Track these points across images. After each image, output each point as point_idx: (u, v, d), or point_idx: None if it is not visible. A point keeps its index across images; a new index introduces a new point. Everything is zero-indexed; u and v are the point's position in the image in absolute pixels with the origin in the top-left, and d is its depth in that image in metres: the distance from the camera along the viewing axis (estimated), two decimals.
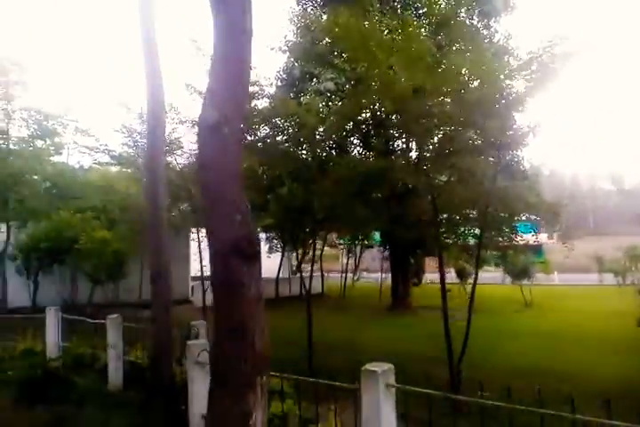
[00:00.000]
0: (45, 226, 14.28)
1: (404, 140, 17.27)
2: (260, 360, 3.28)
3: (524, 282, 22.67)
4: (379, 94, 9.10)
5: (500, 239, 12.09)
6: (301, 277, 23.41)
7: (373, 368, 3.87)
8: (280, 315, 17.10)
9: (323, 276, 24.61)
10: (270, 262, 24.39)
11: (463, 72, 8.38)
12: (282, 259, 22.53)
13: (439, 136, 9.49)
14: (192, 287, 21.45)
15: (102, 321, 8.90)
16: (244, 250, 3.35)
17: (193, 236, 19.58)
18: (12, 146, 17.07)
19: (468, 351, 8.88)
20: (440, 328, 14.92)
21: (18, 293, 17.54)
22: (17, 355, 10.52)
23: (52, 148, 17.94)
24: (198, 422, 5.08)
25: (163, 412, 6.28)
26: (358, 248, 29.92)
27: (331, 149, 15.33)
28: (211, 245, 3.44)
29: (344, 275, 26.02)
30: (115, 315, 8.63)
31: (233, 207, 3.43)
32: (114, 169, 18.26)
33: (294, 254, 23.84)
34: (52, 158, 18.04)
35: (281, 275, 24.84)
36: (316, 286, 24.42)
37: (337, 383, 4.08)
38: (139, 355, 8.95)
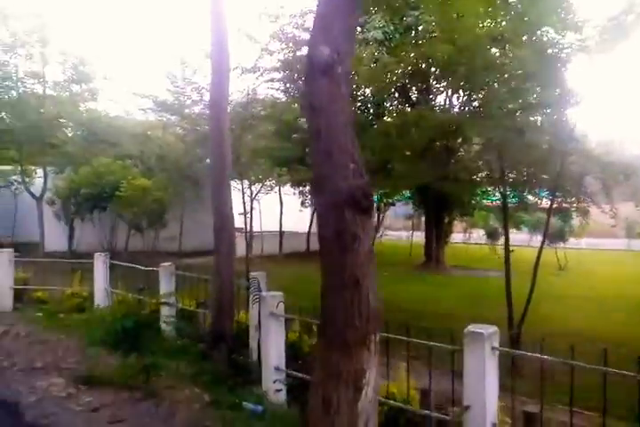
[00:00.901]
0: (86, 171, 14.22)
1: (447, 95, 16.71)
2: (373, 317, 3.14)
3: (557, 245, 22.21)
4: (441, 43, 8.58)
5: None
6: None
7: (479, 330, 3.72)
8: (317, 267, 17.18)
9: None
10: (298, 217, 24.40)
11: (537, 20, 7.82)
12: (313, 213, 22.39)
13: (503, 90, 8.98)
14: None
15: (153, 268, 8.92)
16: (359, 201, 3.13)
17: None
18: (47, 90, 16.83)
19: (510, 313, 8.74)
20: (480, 288, 15.02)
21: (54, 237, 17.80)
22: (65, 299, 10.73)
23: (87, 93, 17.65)
24: (272, 374, 5.06)
25: (227, 362, 6.29)
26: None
27: (377, 102, 14.86)
28: (320, 196, 3.23)
29: None
30: (167, 263, 8.61)
31: (346, 155, 3.19)
32: (150, 118, 18.01)
33: None
34: (87, 104, 17.79)
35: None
36: None
37: (436, 344, 3.94)
38: (191, 304, 9.03)
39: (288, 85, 12.71)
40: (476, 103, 14.60)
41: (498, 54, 8.24)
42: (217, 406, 4.01)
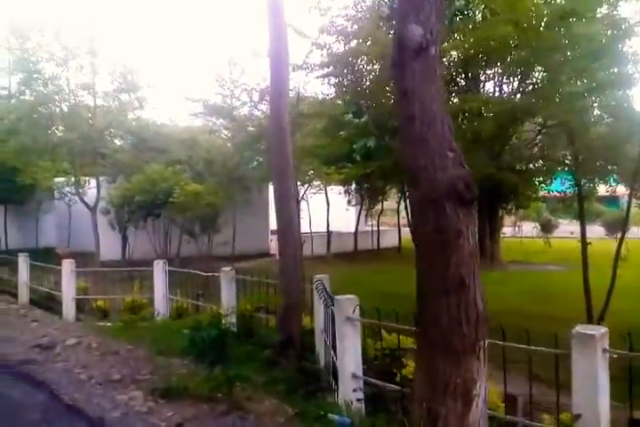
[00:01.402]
0: (139, 179, 14.36)
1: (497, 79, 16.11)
2: (482, 321, 2.83)
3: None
4: (502, 25, 8.12)
5: None
6: (378, 231, 23.18)
7: (589, 332, 3.35)
8: (371, 268, 16.86)
9: (400, 230, 24.12)
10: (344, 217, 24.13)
11: None
12: (359, 212, 22.11)
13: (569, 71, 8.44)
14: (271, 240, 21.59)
15: (213, 273, 8.83)
16: (461, 194, 2.83)
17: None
18: (97, 100, 17.16)
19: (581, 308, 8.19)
20: (543, 283, 14.35)
21: (109, 246, 18.11)
22: (125, 308, 10.80)
23: (135, 102, 17.90)
24: (349, 382, 4.80)
25: (296, 369, 6.07)
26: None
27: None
28: (416, 190, 2.94)
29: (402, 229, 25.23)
30: (228, 268, 8.50)
31: (444, 142, 2.90)
32: (196, 123, 18.15)
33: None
34: (135, 112, 18.04)
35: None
36: (390, 240, 24.01)
37: (542, 348, 3.59)
38: (248, 308, 8.89)
39: (339, 80, 12.46)
40: (530, 87, 14.03)
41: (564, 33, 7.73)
42: (302, 419, 3.78)
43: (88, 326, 8.19)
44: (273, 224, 21.91)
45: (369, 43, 11.36)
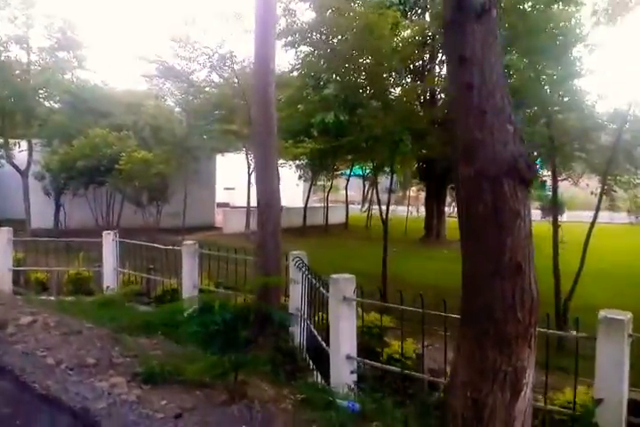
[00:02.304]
0: (80, 143, 13.25)
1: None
2: (535, 308, 2.65)
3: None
4: None
5: None
6: (326, 207, 23.02)
7: (618, 316, 3.28)
8: (321, 244, 16.68)
9: (347, 207, 24.10)
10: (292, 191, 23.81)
11: None
12: (310, 188, 21.80)
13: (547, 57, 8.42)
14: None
15: (173, 247, 8.30)
16: (521, 171, 2.60)
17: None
18: (32, 57, 15.66)
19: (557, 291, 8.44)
20: None
21: (42, 213, 16.86)
22: (68, 281, 10.04)
23: (75, 60, 16.49)
24: (344, 364, 4.59)
25: (273, 348, 5.81)
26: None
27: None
28: (469, 165, 2.68)
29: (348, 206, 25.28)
30: (190, 241, 8.02)
31: (503, 115, 2.65)
32: (140, 87, 17.02)
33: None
34: (74, 72, 16.64)
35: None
36: (337, 217, 23.98)
37: (575, 333, 3.49)
38: (209, 283, 8.47)
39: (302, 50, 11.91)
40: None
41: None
42: (311, 406, 3.51)
43: (32, 302, 7.45)
44: (219, 197, 21.25)
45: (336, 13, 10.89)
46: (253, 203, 19.25)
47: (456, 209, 2.88)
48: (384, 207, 10.91)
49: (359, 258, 14.18)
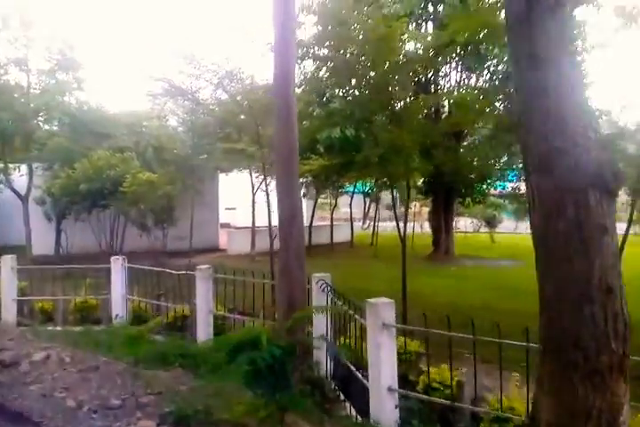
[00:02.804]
0: (83, 166, 12.97)
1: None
2: (628, 335, 2.35)
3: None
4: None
5: None
6: (332, 226, 22.72)
7: None
8: (329, 264, 16.32)
9: (352, 224, 23.80)
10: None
11: None
12: (314, 206, 21.51)
13: None
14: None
15: (186, 272, 7.96)
16: (607, 182, 2.33)
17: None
18: (32, 78, 15.49)
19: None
20: (503, 279, 14.43)
21: (42, 239, 16.52)
22: (75, 309, 9.66)
23: (75, 82, 16.33)
24: (384, 396, 4.24)
25: (301, 379, 5.45)
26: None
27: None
28: (547, 175, 2.41)
29: (352, 224, 24.95)
30: (205, 265, 7.68)
31: (584, 120, 2.38)
32: (141, 108, 16.82)
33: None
34: (74, 94, 16.46)
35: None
36: (341, 235, 23.65)
37: None
38: (223, 308, 8.12)
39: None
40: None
41: None
42: None
43: (40, 334, 7.09)
44: (221, 218, 20.90)
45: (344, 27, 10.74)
46: (258, 223, 19.11)
47: (529, 226, 2.59)
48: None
49: (371, 277, 13.87)
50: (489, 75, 15.10)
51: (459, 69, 16.49)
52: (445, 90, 16.56)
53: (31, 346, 5.37)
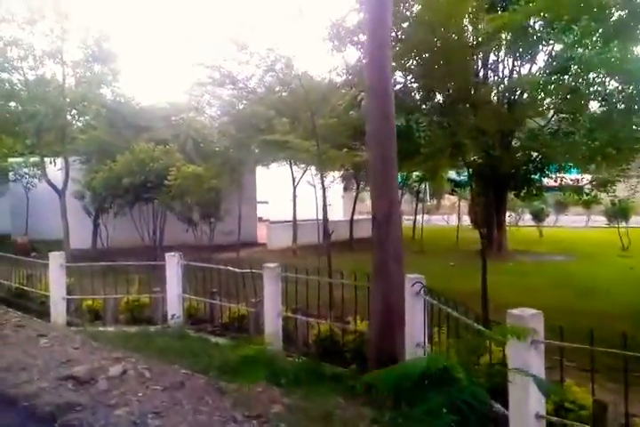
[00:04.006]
0: (125, 159, 12.48)
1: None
2: None
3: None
4: None
5: None
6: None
7: None
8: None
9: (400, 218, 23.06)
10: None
11: None
12: (355, 199, 20.77)
13: None
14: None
15: (252, 271, 7.35)
16: None
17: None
18: (67, 70, 15.04)
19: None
20: (564, 276, 13.57)
21: (80, 234, 16.16)
22: (125, 308, 9.14)
23: (110, 74, 15.84)
24: (531, 425, 3.55)
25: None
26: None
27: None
28: None
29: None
30: (273, 264, 7.06)
31: None
32: (180, 100, 16.30)
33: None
34: (111, 85, 15.97)
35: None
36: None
37: None
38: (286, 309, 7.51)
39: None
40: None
41: None
42: None
43: (97, 336, 6.58)
44: (259, 211, 20.35)
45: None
46: (299, 216, 18.51)
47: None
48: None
49: (430, 275, 13.12)
50: (548, 60, 14.11)
51: (509, 56, 15.56)
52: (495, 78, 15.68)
53: (100, 355, 4.81)
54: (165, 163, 12.30)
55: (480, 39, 9.49)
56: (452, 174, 28.54)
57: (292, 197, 16.99)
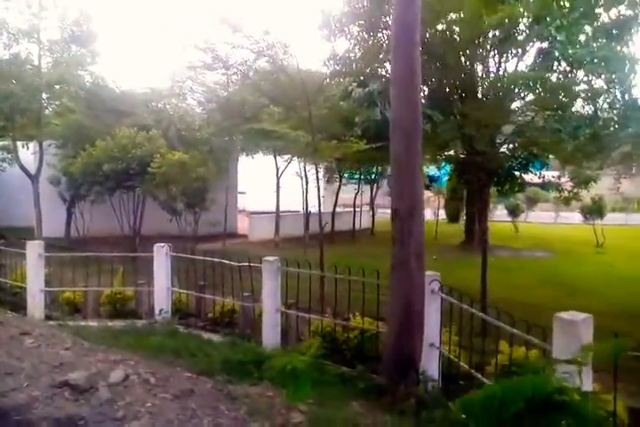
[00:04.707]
0: (105, 145, 11.83)
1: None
2: None
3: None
4: None
5: None
6: (354, 212, 21.73)
7: None
8: (359, 252, 15.42)
9: (374, 211, 22.91)
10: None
11: None
12: (338, 191, 20.44)
13: None
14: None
15: (249, 264, 6.95)
16: None
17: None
18: (43, 51, 14.25)
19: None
20: (549, 273, 13.55)
21: (53, 221, 15.45)
22: (105, 301, 8.64)
23: (89, 55, 15.11)
24: None
25: (416, 401, 4.54)
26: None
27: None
28: None
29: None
30: (271, 257, 6.69)
31: None
32: (161, 86, 15.67)
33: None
34: (88, 68, 15.24)
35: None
36: (360, 222, 22.69)
37: None
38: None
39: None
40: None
41: None
42: None
43: (81, 332, 6.13)
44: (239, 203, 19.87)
45: None
46: (270, 208, 18.07)
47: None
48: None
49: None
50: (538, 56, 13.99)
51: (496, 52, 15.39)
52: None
53: (95, 357, 4.38)
54: (148, 149, 11.73)
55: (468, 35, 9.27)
56: (432, 170, 28.55)
57: (276, 188, 16.58)
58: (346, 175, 21.70)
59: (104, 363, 4.15)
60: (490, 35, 12.91)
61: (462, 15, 10.63)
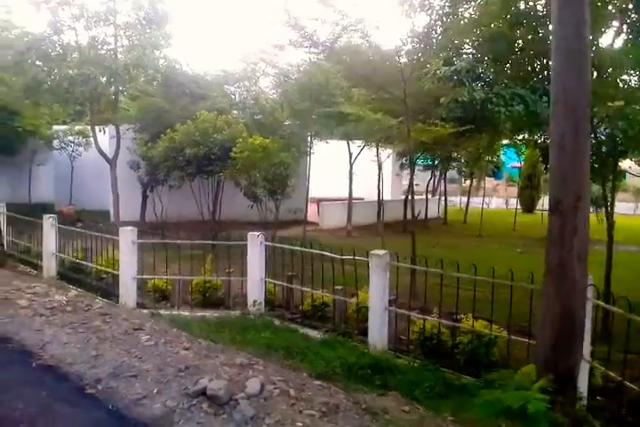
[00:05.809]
0: (187, 129, 11.61)
1: None
2: None
3: None
4: None
5: None
6: (427, 200, 20.94)
7: None
8: (436, 243, 14.67)
9: (446, 199, 22.04)
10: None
11: None
12: (411, 178, 19.67)
13: None
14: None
15: (355, 258, 6.48)
16: None
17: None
18: (119, 33, 14.16)
19: None
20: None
21: (130, 205, 15.55)
22: (195, 289, 8.40)
23: (162, 38, 14.90)
24: None
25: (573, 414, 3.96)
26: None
27: None
28: None
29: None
30: (380, 251, 6.19)
31: None
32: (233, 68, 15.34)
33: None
34: (163, 51, 15.07)
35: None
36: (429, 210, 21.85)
37: None
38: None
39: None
40: None
41: None
42: None
43: (178, 322, 5.88)
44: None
45: None
46: (343, 195, 17.54)
47: None
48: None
49: (496, 262, 12.17)
50: None
51: None
52: None
53: (218, 359, 4.03)
54: (229, 133, 11.41)
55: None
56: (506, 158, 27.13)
57: (349, 175, 16.07)
58: (420, 162, 20.92)
59: (231, 367, 3.79)
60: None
61: None
